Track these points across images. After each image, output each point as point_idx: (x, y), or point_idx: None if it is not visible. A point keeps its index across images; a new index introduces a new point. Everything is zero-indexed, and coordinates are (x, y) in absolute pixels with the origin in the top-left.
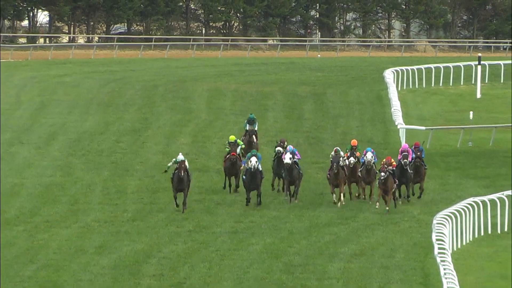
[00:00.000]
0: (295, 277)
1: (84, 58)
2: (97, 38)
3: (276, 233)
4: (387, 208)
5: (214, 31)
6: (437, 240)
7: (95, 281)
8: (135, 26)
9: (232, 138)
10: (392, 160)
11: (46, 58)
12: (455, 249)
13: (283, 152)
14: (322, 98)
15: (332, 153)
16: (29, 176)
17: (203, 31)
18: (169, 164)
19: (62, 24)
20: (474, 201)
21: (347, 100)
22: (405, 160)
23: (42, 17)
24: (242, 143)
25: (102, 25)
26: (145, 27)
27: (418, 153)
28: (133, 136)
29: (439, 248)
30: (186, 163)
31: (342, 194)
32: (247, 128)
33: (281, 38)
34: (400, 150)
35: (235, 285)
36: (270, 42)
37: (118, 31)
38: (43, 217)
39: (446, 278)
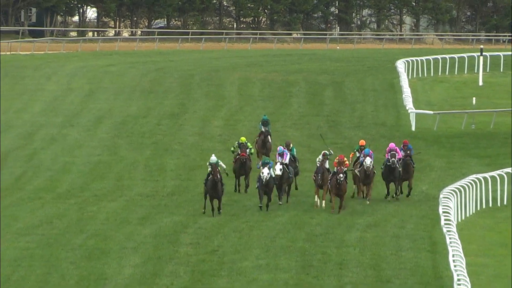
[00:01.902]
0: (316, 245)
1: (128, 50)
2: (139, 32)
3: (300, 206)
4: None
5: (244, 26)
6: (443, 212)
7: (138, 249)
8: (174, 21)
9: (242, 139)
10: (345, 159)
11: (94, 50)
12: (459, 220)
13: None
14: (340, 85)
15: (320, 156)
16: (79, 155)
17: (235, 25)
18: (209, 169)
19: (109, 19)
20: (476, 178)
21: (363, 87)
22: (393, 159)
23: (91, 13)
24: (251, 146)
25: (144, 20)
26: (183, 22)
27: (408, 152)
28: (171, 119)
29: (445, 220)
30: (222, 163)
31: (323, 196)
32: (262, 129)
33: (304, 32)
34: (387, 149)
35: (263, 252)
36: (294, 35)
37: (158, 26)
38: (92, 192)
39: (451, 246)
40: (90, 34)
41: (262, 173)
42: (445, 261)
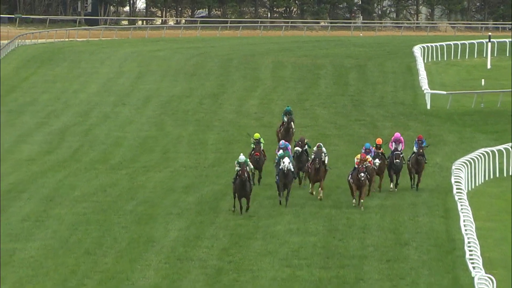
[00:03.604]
0: (341, 211)
1: (173, 37)
2: (184, 20)
3: (327, 177)
4: (362, 207)
5: (277, 15)
6: (455, 182)
7: (182, 214)
8: (214, 11)
9: (256, 135)
10: (367, 157)
11: (143, 37)
12: (469, 189)
13: (301, 152)
14: (363, 68)
15: (315, 148)
16: (130, 130)
17: (269, 15)
18: (236, 168)
19: (156, 9)
20: (485, 151)
21: (384, 70)
22: (397, 152)
23: (140, 3)
24: (263, 141)
25: (188, 10)
26: (222, 12)
27: (421, 151)
28: (212, 99)
29: (457, 189)
30: (250, 163)
31: (320, 188)
32: (285, 119)
33: (330, 20)
34: (392, 139)
35: (294, 218)
36: (322, 23)
37: (200, 15)
38: (141, 163)
39: (462, 212)
40: (140, 22)
41: (283, 162)
42: (457, 225)
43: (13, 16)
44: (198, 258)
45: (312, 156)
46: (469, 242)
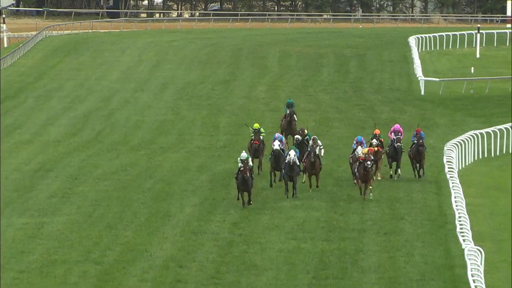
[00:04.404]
0: (342, 188)
1: (188, 28)
2: (197, 13)
3: (329, 156)
4: (371, 196)
5: (283, 8)
6: (447, 161)
7: (196, 191)
8: (225, 4)
9: (256, 125)
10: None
11: (160, 28)
12: (460, 168)
13: (301, 140)
14: (362, 57)
15: (310, 142)
16: (148, 114)
17: (276, 8)
18: (239, 165)
19: (172, 3)
20: (474, 133)
21: (381, 59)
22: (398, 144)
23: None
24: (264, 131)
25: (202, 3)
26: (233, 5)
27: (421, 141)
28: (224, 85)
29: (449, 168)
30: (250, 162)
31: (317, 180)
32: (287, 111)
33: (332, 13)
34: (392, 129)
35: (299, 194)
36: (325, 16)
37: (213, 8)
38: (158, 145)
39: (453, 189)
40: (157, 15)
41: (289, 155)
42: (448, 201)
43: (41, 9)
44: (211, 232)
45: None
46: (459, 217)
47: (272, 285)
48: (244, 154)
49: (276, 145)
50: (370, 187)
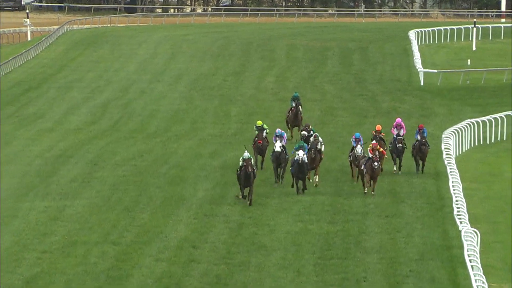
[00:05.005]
0: (346, 174)
1: (201, 23)
2: (210, 8)
3: (334, 144)
4: (373, 192)
5: (291, 4)
6: (445, 148)
7: (208, 176)
8: (236, 0)
9: (259, 123)
10: (379, 146)
11: (175, 23)
12: (457, 155)
13: (307, 136)
14: (365, 50)
15: (312, 138)
16: (163, 104)
17: (283, 3)
18: (240, 164)
19: None
20: (471, 122)
21: (383, 51)
22: (400, 145)
23: None
24: (267, 127)
25: None
26: (243, 1)
27: (423, 140)
28: (235, 76)
29: (446, 154)
30: (252, 161)
31: (317, 176)
32: (293, 105)
33: (337, 8)
34: (394, 124)
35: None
36: (330, 11)
37: (225, 4)
38: (173, 132)
39: (451, 175)
40: (172, 10)
41: (298, 153)
42: (446, 186)
43: (62, 5)
44: (222, 214)
45: (309, 145)
46: (456, 201)
47: (280, 265)
48: (246, 154)
49: (277, 146)
50: (375, 183)
